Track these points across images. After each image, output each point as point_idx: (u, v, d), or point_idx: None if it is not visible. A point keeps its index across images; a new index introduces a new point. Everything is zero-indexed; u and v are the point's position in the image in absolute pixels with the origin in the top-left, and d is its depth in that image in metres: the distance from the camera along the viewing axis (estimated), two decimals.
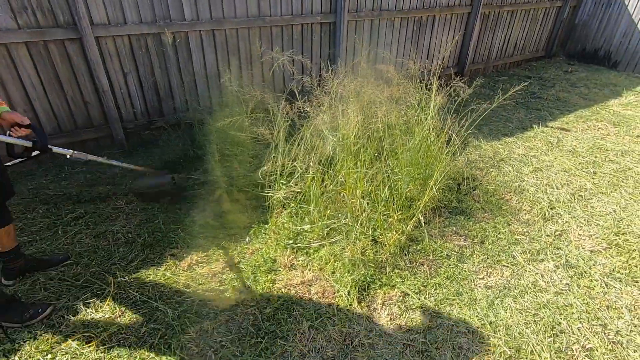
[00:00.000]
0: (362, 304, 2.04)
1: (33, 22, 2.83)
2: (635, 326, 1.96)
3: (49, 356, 1.70)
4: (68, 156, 2.19)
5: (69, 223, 2.55)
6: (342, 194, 2.61)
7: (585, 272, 2.31)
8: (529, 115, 4.74)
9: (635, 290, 2.18)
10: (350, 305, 2.03)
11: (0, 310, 1.81)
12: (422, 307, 2.04)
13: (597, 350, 1.82)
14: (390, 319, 1.97)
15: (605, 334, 1.91)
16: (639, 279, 2.27)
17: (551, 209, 2.89)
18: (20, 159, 1.90)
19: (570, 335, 1.90)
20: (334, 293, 2.10)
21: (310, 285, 2.15)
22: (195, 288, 2.11)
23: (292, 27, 4.07)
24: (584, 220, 2.78)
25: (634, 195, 3.08)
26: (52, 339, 1.77)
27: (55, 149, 2.03)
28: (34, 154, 1.88)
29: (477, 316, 1.99)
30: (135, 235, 2.48)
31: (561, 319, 1.99)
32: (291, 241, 2.41)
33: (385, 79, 3.17)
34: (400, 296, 2.10)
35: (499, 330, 1.91)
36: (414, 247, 2.44)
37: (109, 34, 3.14)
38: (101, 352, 1.73)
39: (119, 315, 1.92)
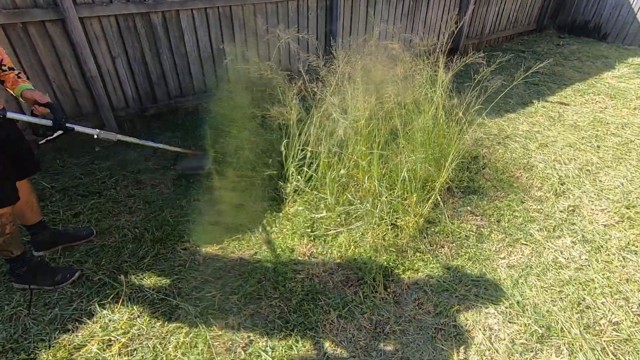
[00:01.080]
0: (388, 290, 2.00)
1: (9, 2, 2.57)
2: None
3: None
4: (95, 136, 2.03)
5: (69, 220, 2.40)
6: (355, 178, 2.54)
7: (601, 246, 2.33)
8: (528, 90, 4.72)
9: None
10: (376, 291, 1.99)
11: (30, 274, 1.88)
12: (447, 290, 2.02)
13: (624, 324, 1.85)
14: (418, 303, 1.94)
15: (629, 307, 1.94)
16: None
17: (561, 184, 2.90)
18: (47, 138, 1.79)
19: (595, 311, 1.91)
20: (358, 280, 2.06)
21: (332, 274, 2.10)
22: (214, 283, 2.03)
23: (288, 3, 3.86)
24: (595, 194, 2.79)
25: (639, 168, 3.12)
26: (69, 345, 1.67)
27: (80, 128, 1.91)
28: (57, 133, 1.77)
29: (504, 296, 1.98)
30: (142, 230, 2.35)
31: (585, 294, 2.00)
32: (308, 229, 2.34)
33: (390, 56, 3.05)
34: (425, 279, 2.07)
35: (527, 310, 1.91)
36: (432, 229, 2.40)
37: (94, 14, 2.89)
38: (124, 356, 1.64)
39: (138, 316, 1.82)
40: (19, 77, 1.69)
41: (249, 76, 3.13)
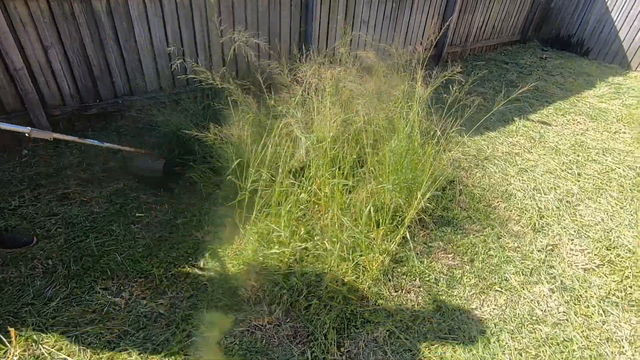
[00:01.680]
0: (342, 350, 1.71)
1: None
2: None
3: None
4: (26, 134, 1.78)
5: None
6: (316, 207, 2.23)
7: (581, 296, 2.12)
8: (509, 107, 4.52)
9: (633, 317, 2.02)
10: (328, 352, 1.69)
11: None
12: (410, 351, 1.74)
13: None
14: None
15: None
16: (634, 302, 2.11)
17: (540, 218, 2.68)
18: None
19: None
20: (308, 336, 1.76)
21: (279, 326, 1.79)
22: (135, 335, 1.68)
23: None
24: (574, 231, 2.59)
25: (620, 201, 2.95)
26: None
27: (4, 125, 1.72)
28: None
29: None
30: (57, 261, 1.97)
31: (562, 359, 1.77)
32: (257, 267, 2.01)
33: (365, 67, 2.74)
34: (385, 336, 1.79)
35: None
36: (399, 270, 2.13)
37: None
38: None
39: None
40: None
41: (207, 81, 2.76)
